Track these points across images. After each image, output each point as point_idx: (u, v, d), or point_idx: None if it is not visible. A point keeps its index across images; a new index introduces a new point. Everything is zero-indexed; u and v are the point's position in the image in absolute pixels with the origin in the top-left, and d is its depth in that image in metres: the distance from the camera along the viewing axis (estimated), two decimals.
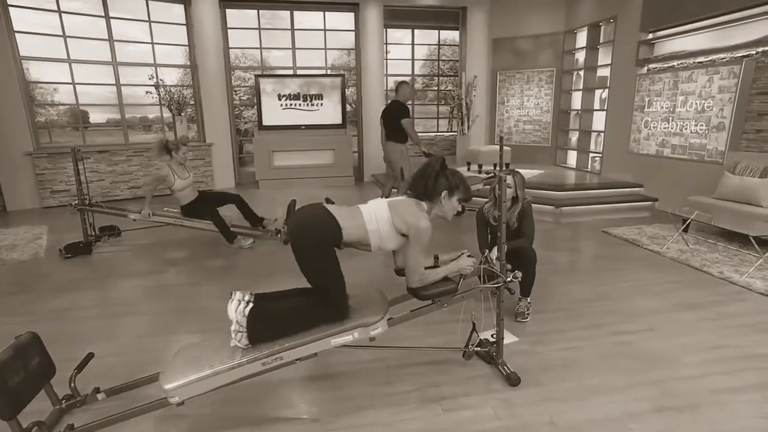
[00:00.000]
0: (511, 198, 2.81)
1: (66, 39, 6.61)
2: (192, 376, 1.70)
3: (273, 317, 1.81)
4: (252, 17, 8.07)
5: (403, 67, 9.47)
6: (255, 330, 1.77)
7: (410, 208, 1.92)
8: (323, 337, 1.82)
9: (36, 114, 6.74)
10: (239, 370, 1.74)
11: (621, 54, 6.50)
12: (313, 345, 1.82)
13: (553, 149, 8.31)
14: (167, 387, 1.67)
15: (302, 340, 1.80)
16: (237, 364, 1.73)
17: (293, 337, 1.81)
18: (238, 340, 1.79)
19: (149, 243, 4.58)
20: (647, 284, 3.35)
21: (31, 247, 4.46)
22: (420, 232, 1.87)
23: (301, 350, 1.80)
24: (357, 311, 1.93)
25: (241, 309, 1.78)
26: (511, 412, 1.93)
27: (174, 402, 1.68)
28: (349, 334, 1.85)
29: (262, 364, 1.77)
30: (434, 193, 1.96)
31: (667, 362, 2.29)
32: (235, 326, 1.78)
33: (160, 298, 3.25)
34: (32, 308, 3.07)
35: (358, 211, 1.91)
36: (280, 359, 1.78)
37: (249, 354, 1.76)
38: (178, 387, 1.68)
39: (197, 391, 1.71)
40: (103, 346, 2.48)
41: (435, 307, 2.03)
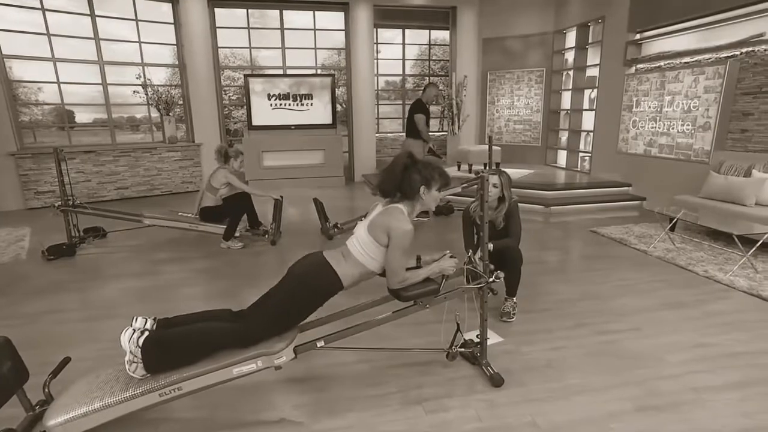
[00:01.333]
0: (498, 198, 2.81)
1: (50, 37, 6.50)
2: (79, 410, 1.61)
3: (171, 345, 1.74)
4: (241, 16, 8.01)
5: (393, 67, 9.47)
6: (151, 359, 1.70)
7: (389, 216, 1.89)
8: (224, 366, 1.73)
9: (20, 113, 6.63)
10: (132, 402, 1.65)
11: (609, 54, 6.54)
12: (214, 375, 1.73)
13: (543, 149, 8.34)
14: (50, 424, 1.58)
15: (202, 370, 1.71)
16: (130, 395, 1.65)
17: (194, 365, 1.73)
18: (133, 371, 1.71)
19: (135, 244, 4.52)
20: (633, 283, 3.36)
21: (12, 249, 4.38)
22: (403, 235, 1.85)
23: (201, 380, 1.72)
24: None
25: (135, 338, 1.71)
26: (493, 413, 1.92)
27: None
28: (252, 362, 1.76)
29: (159, 395, 1.68)
30: (410, 191, 1.93)
31: (650, 361, 2.30)
32: (129, 357, 1.70)
33: (143, 300, 3.20)
34: (9, 312, 3.00)
35: (347, 249, 1.94)
36: (179, 389, 1.70)
37: (144, 385, 1.68)
38: (63, 423, 1.59)
39: (86, 426, 1.62)
40: (81, 350, 2.43)
41: (417, 308, 2.02)
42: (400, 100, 9.78)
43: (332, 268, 1.86)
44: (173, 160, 7.37)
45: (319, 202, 4.78)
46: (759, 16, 4.62)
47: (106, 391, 1.68)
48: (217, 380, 1.76)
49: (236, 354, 1.77)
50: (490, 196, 2.74)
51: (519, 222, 2.84)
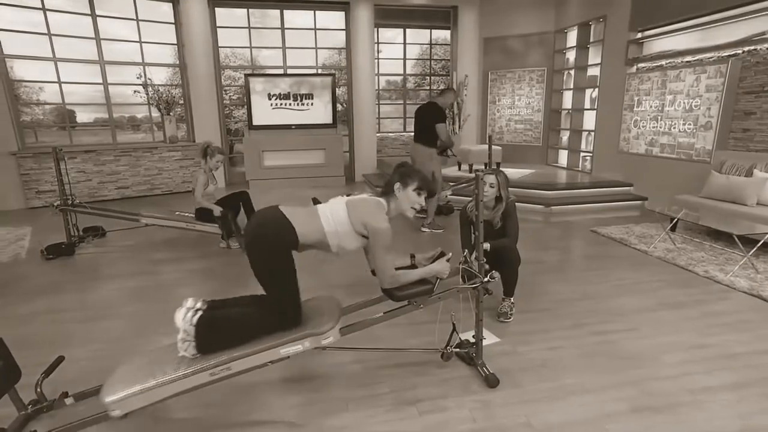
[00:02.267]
0: (495, 198, 2.79)
1: (51, 37, 6.52)
2: (134, 388, 1.63)
3: (222, 326, 1.75)
4: (241, 16, 8.01)
5: (394, 67, 9.45)
6: (203, 339, 1.71)
7: (368, 207, 1.87)
8: (273, 347, 1.75)
9: (21, 113, 6.66)
10: (185, 381, 1.67)
11: (610, 53, 6.50)
12: (262, 355, 1.75)
13: (544, 148, 8.31)
14: (107, 400, 1.61)
15: (251, 350, 1.73)
16: (182, 375, 1.67)
17: (243, 347, 1.75)
18: (185, 350, 1.72)
19: (134, 244, 4.52)
20: (632, 283, 3.33)
21: (12, 249, 4.39)
22: (379, 233, 1.82)
23: (250, 360, 1.74)
24: (309, 319, 1.87)
25: (188, 317, 1.72)
26: (487, 414, 1.90)
27: (116, 415, 1.62)
28: (299, 343, 1.78)
29: (209, 374, 1.70)
30: (387, 185, 1.96)
31: (647, 362, 2.28)
32: (182, 335, 1.72)
33: (140, 300, 3.20)
34: (6, 312, 3.00)
35: (316, 212, 1.86)
36: (228, 369, 1.71)
37: (196, 364, 1.70)
38: (120, 400, 1.61)
39: (140, 404, 1.64)
40: (76, 350, 2.44)
41: (411, 308, 2.00)
42: (401, 99, 9.76)
43: (288, 220, 1.78)
44: (174, 160, 7.38)
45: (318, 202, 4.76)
46: (761, 15, 4.58)
47: (159, 370, 1.70)
48: (265, 360, 1.77)
49: (285, 335, 1.78)
50: (487, 196, 2.73)
51: (516, 222, 2.82)
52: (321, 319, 1.87)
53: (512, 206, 2.84)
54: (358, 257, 2.18)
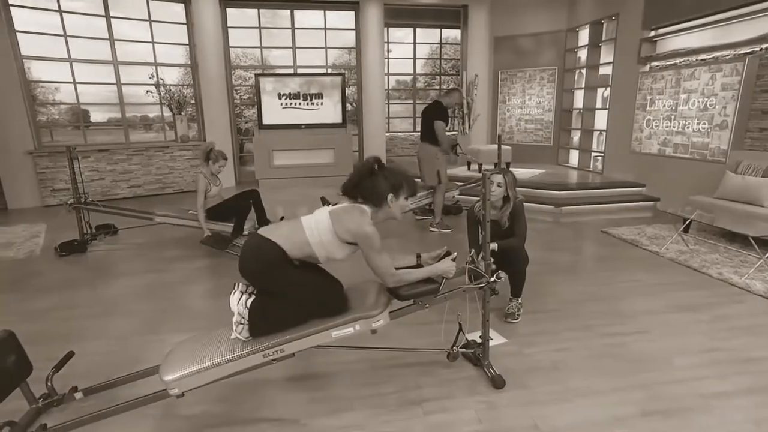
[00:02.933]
0: (503, 197, 2.77)
1: (67, 38, 6.64)
2: (192, 368, 1.68)
3: (274, 310, 1.80)
4: (252, 16, 8.07)
5: (404, 66, 9.45)
6: (256, 322, 1.76)
7: (351, 215, 1.83)
8: (324, 329, 1.81)
9: (37, 113, 6.79)
10: (240, 362, 1.73)
11: (623, 52, 6.41)
12: (314, 337, 1.80)
13: (555, 148, 8.23)
14: (167, 378, 1.66)
15: (303, 332, 1.79)
16: (237, 356, 1.72)
17: (293, 330, 1.80)
18: (239, 332, 1.77)
19: (144, 241, 4.58)
20: (643, 285, 3.28)
21: (27, 246, 4.48)
22: (365, 237, 1.80)
23: (302, 342, 1.79)
24: (358, 304, 1.91)
25: (243, 301, 1.77)
26: (493, 415, 1.89)
27: (174, 394, 1.67)
28: (351, 326, 1.83)
29: (263, 356, 1.75)
30: (377, 197, 1.87)
31: (657, 365, 2.24)
32: (237, 318, 1.76)
33: (150, 297, 3.24)
34: (20, 307, 3.07)
35: (299, 225, 1.84)
36: (281, 351, 1.77)
37: (250, 346, 1.75)
38: (178, 379, 1.66)
39: (197, 383, 1.70)
40: (86, 345, 2.47)
41: (416, 308, 1.99)
42: (410, 99, 9.75)
43: (273, 242, 1.78)
44: (185, 159, 7.46)
45: (327, 201, 4.78)
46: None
47: (214, 352, 1.74)
48: (316, 343, 1.81)
49: (334, 318, 1.82)
50: (495, 196, 2.71)
51: (524, 222, 2.80)
52: (369, 303, 1.90)
53: (520, 206, 2.81)
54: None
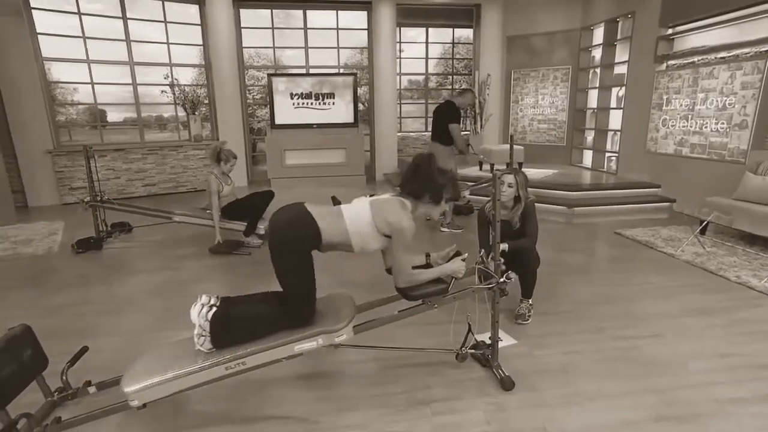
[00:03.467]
0: (514, 198, 2.75)
1: (85, 40, 6.78)
2: (153, 379, 1.69)
3: (237, 321, 1.79)
4: (265, 17, 8.14)
5: (416, 66, 9.42)
6: (218, 334, 1.75)
7: (393, 207, 1.87)
8: (287, 343, 1.78)
9: (57, 113, 6.94)
10: (201, 374, 1.72)
11: (639, 50, 6.30)
12: (276, 351, 1.78)
13: (568, 149, 8.13)
14: (127, 390, 1.67)
15: (266, 345, 1.77)
16: (199, 368, 1.71)
17: (257, 342, 1.78)
18: (200, 344, 1.77)
19: (159, 239, 4.65)
20: (657, 287, 3.22)
21: (46, 242, 4.58)
22: (402, 232, 1.82)
23: (264, 355, 1.77)
24: (323, 317, 1.88)
25: (204, 313, 1.77)
26: (502, 416, 1.87)
27: (134, 405, 1.68)
28: (313, 340, 1.80)
29: (225, 368, 1.74)
30: (423, 193, 1.91)
31: (670, 369, 2.19)
32: (198, 330, 1.76)
33: (162, 294, 3.29)
34: (37, 302, 3.14)
35: (340, 213, 1.87)
36: (243, 364, 1.75)
37: (212, 358, 1.74)
38: (138, 390, 1.67)
39: (158, 395, 1.70)
40: (100, 341, 2.52)
41: (425, 308, 1.99)
42: (423, 99, 9.72)
43: (313, 218, 1.79)
44: (198, 158, 7.56)
45: (338, 201, 4.79)
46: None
47: (176, 363, 1.75)
48: (279, 356, 1.80)
49: (298, 331, 1.81)
50: (506, 196, 2.69)
51: (536, 223, 2.77)
52: (335, 316, 1.88)
53: (531, 206, 2.78)
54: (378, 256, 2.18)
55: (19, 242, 4.61)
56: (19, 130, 6.27)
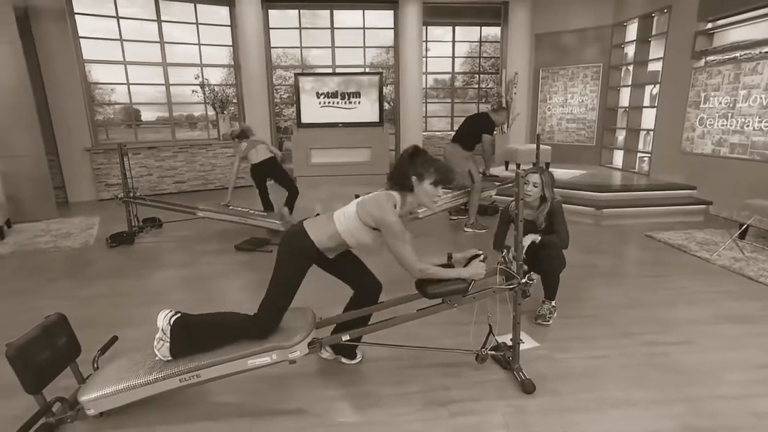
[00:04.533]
0: (540, 197, 2.69)
1: (122, 42, 7.06)
2: (107, 389, 1.76)
3: (198, 327, 1.88)
4: (293, 17, 8.25)
5: (443, 65, 9.36)
6: (178, 339, 1.83)
7: (377, 201, 1.88)
8: (240, 357, 1.80)
9: (95, 113, 7.26)
10: (155, 386, 1.78)
11: (675, 46, 6.05)
12: (229, 365, 1.81)
13: (598, 149, 7.88)
14: (82, 399, 1.76)
15: (219, 359, 1.80)
16: (153, 379, 1.77)
17: (213, 354, 1.82)
18: (158, 349, 1.85)
19: (187, 235, 4.80)
20: (690, 293, 3.09)
21: (82, 236, 4.79)
22: (388, 226, 1.84)
23: (218, 369, 1.80)
24: (280, 332, 1.89)
25: (168, 316, 1.87)
26: (521, 420, 1.83)
27: (91, 414, 1.77)
28: (267, 355, 1.81)
29: (179, 380, 1.79)
30: (402, 178, 1.92)
31: (703, 378, 2.10)
32: (159, 334, 1.85)
33: (190, 288, 3.39)
34: (73, 293, 3.29)
35: (330, 217, 1.95)
36: (197, 377, 1.80)
37: (166, 369, 1.79)
38: (93, 400, 1.76)
39: (112, 405, 1.78)
40: (129, 331, 2.60)
41: (444, 307, 1.97)
42: (448, 98, 9.65)
43: (306, 231, 1.90)
44: (226, 156, 7.74)
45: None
46: None
47: (133, 374, 1.82)
48: (232, 370, 1.83)
49: (253, 345, 1.83)
50: (531, 196, 2.63)
51: (564, 222, 2.70)
52: (290, 332, 1.87)
53: (559, 207, 2.72)
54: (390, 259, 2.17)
55: (59, 236, 4.84)
56: (61, 129, 6.59)
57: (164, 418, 1.89)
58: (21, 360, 1.72)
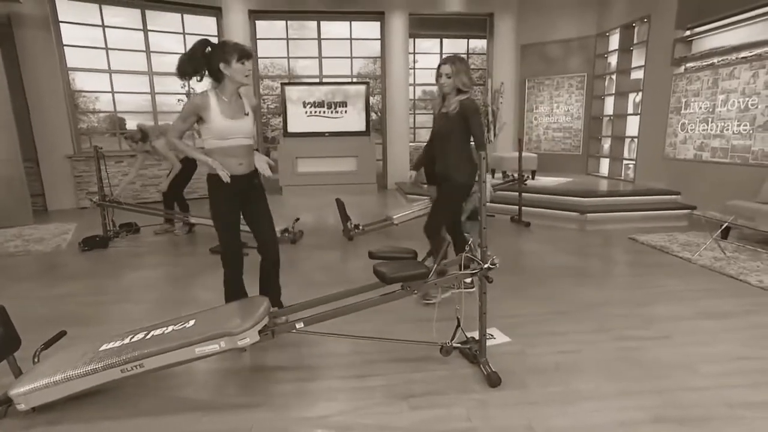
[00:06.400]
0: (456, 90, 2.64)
1: (108, 51, 7.04)
2: (40, 382, 1.64)
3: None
4: (280, 28, 8.31)
5: (431, 76, 9.44)
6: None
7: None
8: (186, 345, 1.69)
9: (79, 120, 7.19)
10: (94, 376, 1.66)
11: (655, 54, 6.13)
12: (175, 353, 1.70)
13: (584, 157, 7.90)
14: (12, 393, 1.64)
15: (164, 347, 1.69)
16: (92, 370, 1.66)
17: (156, 342, 1.72)
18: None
19: (163, 239, 4.70)
20: (670, 291, 3.02)
21: (55, 241, 4.67)
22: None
23: (162, 358, 1.69)
24: (230, 318, 1.79)
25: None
26: (485, 413, 1.74)
27: (21, 409, 1.65)
28: (215, 343, 1.70)
29: (120, 371, 1.68)
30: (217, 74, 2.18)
31: (678, 371, 2.01)
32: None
33: (158, 288, 3.29)
34: (35, 293, 3.17)
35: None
36: (140, 366, 1.68)
37: (106, 360, 1.68)
38: (24, 394, 1.64)
39: (47, 399, 1.67)
40: (88, 329, 2.50)
41: (403, 294, 1.89)
42: None
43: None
44: None
45: (341, 203, 4.75)
46: None
47: (70, 365, 1.71)
48: (179, 359, 1.73)
49: (197, 335, 1.73)
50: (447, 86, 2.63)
51: (480, 124, 2.65)
52: (239, 318, 1.78)
53: (472, 103, 2.67)
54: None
55: (31, 240, 4.71)
56: (42, 137, 6.50)
57: (106, 413, 1.77)
58: None
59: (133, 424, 1.71)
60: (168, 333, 1.81)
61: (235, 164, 2.22)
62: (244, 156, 2.25)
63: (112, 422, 1.72)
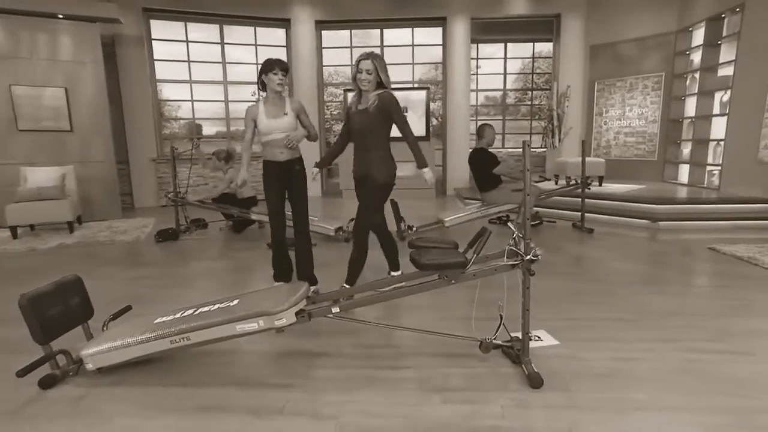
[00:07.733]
0: (377, 83, 2.65)
1: (189, 63, 7.73)
2: (105, 345, 1.85)
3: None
4: (344, 36, 8.60)
5: (494, 82, 9.24)
6: None
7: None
8: (228, 322, 1.80)
9: (163, 127, 7.94)
10: (148, 345, 1.83)
11: (749, 47, 5.50)
12: (218, 329, 1.82)
13: (660, 163, 7.26)
14: (82, 353, 1.87)
15: (208, 322, 1.81)
16: (146, 339, 1.83)
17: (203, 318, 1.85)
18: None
19: (228, 235, 5.01)
20: (755, 305, 2.66)
21: (135, 233, 5.16)
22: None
23: (207, 332, 1.82)
24: (268, 299, 1.89)
25: None
26: (521, 413, 1.63)
27: (89, 368, 1.87)
28: (254, 321, 1.80)
29: (170, 341, 1.83)
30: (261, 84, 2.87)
31: (758, 391, 1.76)
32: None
33: (216, 276, 3.51)
34: (116, 275, 3.53)
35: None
36: (187, 339, 1.82)
37: (159, 330, 1.84)
38: (92, 354, 1.85)
39: (109, 361, 1.87)
40: (149, 306, 2.71)
41: (441, 283, 1.83)
42: (500, 115, 9.47)
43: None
44: None
45: (396, 204, 4.80)
46: None
47: (129, 334, 1.89)
48: (221, 335, 1.84)
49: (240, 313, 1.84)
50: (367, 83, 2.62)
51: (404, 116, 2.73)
52: (280, 300, 1.85)
53: (390, 96, 2.66)
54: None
55: (117, 232, 5.25)
56: (133, 142, 7.28)
57: (158, 381, 1.90)
58: (31, 309, 1.83)
59: (179, 392, 1.82)
60: (213, 310, 1.93)
61: (278, 153, 2.86)
62: (284, 146, 2.83)
63: (163, 389, 1.85)
